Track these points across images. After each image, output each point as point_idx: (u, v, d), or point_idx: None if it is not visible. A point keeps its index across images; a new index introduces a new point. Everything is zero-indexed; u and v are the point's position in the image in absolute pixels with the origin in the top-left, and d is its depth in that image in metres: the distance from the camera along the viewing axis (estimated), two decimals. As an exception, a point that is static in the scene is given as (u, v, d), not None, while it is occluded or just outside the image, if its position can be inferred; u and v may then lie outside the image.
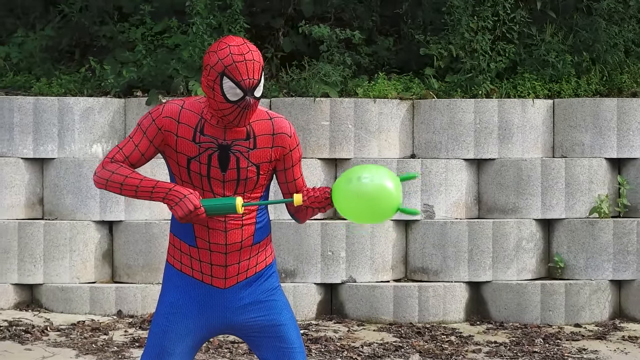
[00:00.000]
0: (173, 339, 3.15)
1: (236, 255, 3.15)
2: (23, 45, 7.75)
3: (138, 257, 6.88)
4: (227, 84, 3.04)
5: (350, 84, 7.31)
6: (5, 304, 6.78)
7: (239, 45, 3.06)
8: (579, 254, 6.96)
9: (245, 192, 3.14)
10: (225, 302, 3.17)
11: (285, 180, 3.22)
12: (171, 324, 3.15)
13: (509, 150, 7.13)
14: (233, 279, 3.17)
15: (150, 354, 3.15)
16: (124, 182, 3.08)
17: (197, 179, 3.12)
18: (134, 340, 6.16)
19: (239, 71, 3.03)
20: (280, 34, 7.82)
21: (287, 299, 3.32)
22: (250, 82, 3.04)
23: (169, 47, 7.47)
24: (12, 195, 6.94)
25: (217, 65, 3.05)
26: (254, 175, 3.13)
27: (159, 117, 3.12)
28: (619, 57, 7.45)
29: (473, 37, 7.33)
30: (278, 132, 3.16)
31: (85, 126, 7.05)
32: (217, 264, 3.15)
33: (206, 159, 3.10)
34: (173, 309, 3.16)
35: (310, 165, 7.01)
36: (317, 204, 3.14)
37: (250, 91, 3.05)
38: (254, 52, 3.06)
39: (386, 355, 6.05)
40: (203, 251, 3.14)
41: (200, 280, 3.17)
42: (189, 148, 3.11)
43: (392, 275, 6.97)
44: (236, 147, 3.12)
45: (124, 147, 3.12)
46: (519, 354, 6.11)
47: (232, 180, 3.12)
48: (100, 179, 3.10)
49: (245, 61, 3.03)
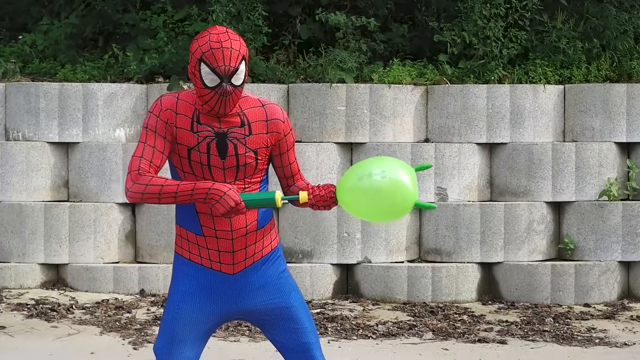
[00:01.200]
0: (185, 326, 3.13)
1: (242, 241, 3.14)
2: (48, 33, 7.76)
3: (160, 238, 6.89)
4: (204, 70, 3.05)
5: (366, 70, 7.28)
6: (32, 283, 6.82)
7: (219, 33, 3.06)
8: (589, 235, 6.92)
9: (245, 177, 3.13)
10: (235, 288, 3.16)
11: (281, 165, 3.21)
12: (183, 312, 3.14)
13: (520, 135, 7.09)
14: (241, 264, 3.16)
15: (163, 341, 3.14)
16: (161, 192, 3.03)
17: (198, 168, 3.10)
18: (156, 318, 6.18)
19: (215, 57, 3.03)
20: (297, 21, 7.79)
21: (303, 280, 3.30)
22: (226, 68, 3.03)
23: (190, 35, 7.45)
24: (38, 178, 6.95)
25: (197, 51, 3.06)
26: (253, 160, 3.12)
27: (161, 111, 3.10)
28: (628, 44, 7.40)
29: (486, 24, 7.29)
30: (271, 118, 3.15)
31: (108, 111, 7.05)
32: (224, 250, 3.14)
33: (205, 147, 3.09)
34: (184, 297, 3.15)
35: (326, 149, 6.99)
36: (322, 203, 3.11)
37: (226, 78, 3.04)
38: (233, 41, 3.05)
39: (400, 333, 6.04)
40: (210, 239, 3.13)
41: (209, 268, 3.16)
42: (188, 138, 3.09)
43: (406, 256, 6.96)
44: (232, 134, 3.10)
45: (144, 153, 3.07)
46: (529, 333, 6.10)
47: (232, 167, 3.11)
48: (135, 193, 3.04)
49: (222, 48, 3.03)
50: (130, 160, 3.08)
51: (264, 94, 6.98)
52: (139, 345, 5.70)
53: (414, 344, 5.86)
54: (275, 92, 7.09)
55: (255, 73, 7.23)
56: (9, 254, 6.86)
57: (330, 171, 6.97)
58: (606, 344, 5.92)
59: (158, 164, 3.08)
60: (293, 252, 6.83)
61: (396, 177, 3.00)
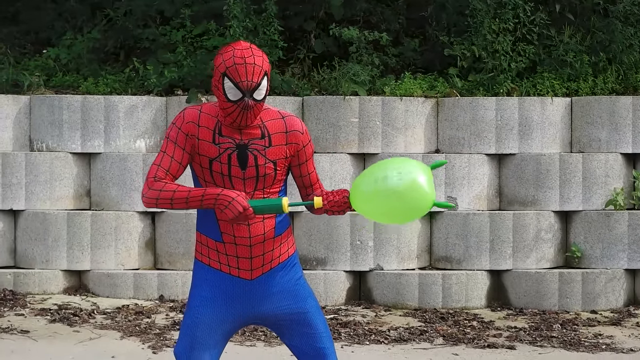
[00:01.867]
0: (204, 330, 3.13)
1: (260, 247, 3.13)
2: (72, 47, 7.78)
3: (178, 245, 6.88)
4: (227, 84, 3.05)
5: (378, 83, 7.27)
6: (55, 289, 6.81)
7: (243, 49, 3.06)
8: (595, 244, 6.88)
9: (264, 187, 3.12)
10: (253, 293, 3.16)
11: (300, 174, 3.20)
12: (202, 316, 3.13)
13: (528, 146, 7.06)
14: (258, 270, 3.15)
15: (183, 345, 3.14)
16: (173, 197, 3.05)
17: (219, 178, 3.10)
18: (174, 323, 6.16)
19: (239, 73, 3.03)
20: (312, 36, 7.79)
21: (318, 287, 3.29)
22: (249, 84, 3.03)
23: (208, 49, 7.46)
24: (61, 188, 6.96)
25: (221, 66, 3.06)
26: (272, 171, 3.11)
27: (183, 123, 3.11)
28: (634, 57, 7.38)
29: (495, 38, 7.27)
30: (291, 129, 3.14)
31: (129, 123, 7.05)
32: (242, 257, 3.13)
33: (226, 158, 3.09)
34: (204, 302, 3.15)
35: (340, 159, 6.97)
36: (336, 208, 3.10)
37: (248, 93, 3.04)
38: (256, 57, 3.05)
39: (412, 339, 6.01)
40: (229, 245, 3.13)
41: (227, 273, 3.15)
42: (210, 150, 3.10)
43: (417, 264, 6.93)
44: (253, 145, 3.10)
45: (162, 162, 3.09)
46: (537, 339, 6.05)
47: (252, 177, 3.10)
48: (150, 199, 3.07)
49: (245, 64, 3.03)
50: (150, 167, 3.10)
51: (280, 106, 6.97)
52: (158, 350, 5.68)
53: (425, 349, 5.83)
54: (291, 104, 7.08)
55: (271, 86, 7.22)
56: (33, 261, 6.86)
57: (344, 181, 6.95)
58: (613, 349, 5.87)
59: (174, 173, 3.09)
60: (307, 260, 6.80)
61: (413, 178, 2.91)
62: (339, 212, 3.10)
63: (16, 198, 6.91)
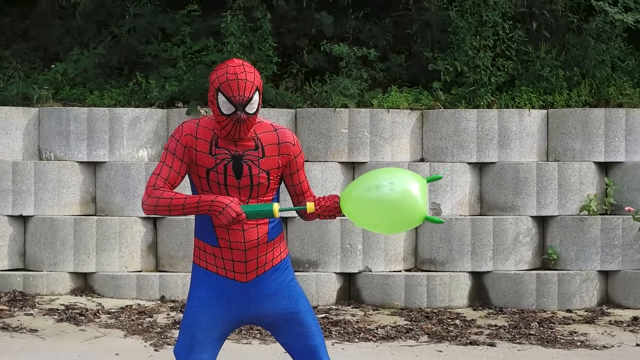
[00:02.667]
0: (202, 330, 3.14)
1: (254, 252, 3.15)
2: (78, 62, 7.79)
3: (179, 249, 6.90)
4: (221, 99, 3.07)
5: (367, 96, 7.30)
6: (62, 290, 6.82)
7: (236, 66, 3.08)
8: (570, 247, 6.91)
9: (258, 196, 3.14)
10: (248, 294, 3.17)
11: (292, 184, 3.22)
12: (200, 317, 3.15)
13: (507, 155, 7.10)
14: (253, 273, 3.17)
15: (182, 344, 3.15)
16: (170, 204, 3.07)
17: (216, 187, 3.12)
18: (175, 323, 6.17)
19: (231, 88, 3.05)
20: (304, 51, 7.82)
21: (309, 287, 3.31)
22: (241, 98, 3.05)
23: (207, 64, 7.48)
24: (68, 194, 6.97)
25: (215, 82, 3.08)
26: (265, 180, 3.14)
27: (181, 136, 3.13)
28: (606, 72, 7.41)
29: (476, 54, 7.31)
30: (283, 141, 3.17)
31: (132, 133, 7.07)
32: (238, 260, 3.15)
33: (222, 169, 3.11)
34: (201, 303, 3.16)
35: (330, 168, 7.00)
36: (327, 212, 3.12)
37: (241, 107, 3.06)
38: (248, 73, 3.07)
39: (398, 336, 6.03)
40: (225, 250, 3.14)
41: (224, 276, 3.17)
42: (207, 160, 3.11)
43: (403, 266, 6.95)
44: (247, 156, 3.12)
45: (161, 172, 3.11)
46: (516, 336, 6.08)
47: (246, 187, 3.12)
48: (149, 206, 3.09)
49: (237, 80, 3.05)
50: (150, 177, 3.12)
51: (274, 117, 7.00)
52: (159, 347, 5.69)
53: (411, 346, 5.85)
54: (284, 116, 7.11)
55: (266, 99, 7.25)
56: (41, 264, 6.87)
57: (334, 188, 6.98)
58: (587, 346, 5.90)
59: (173, 182, 3.11)
60: (300, 262, 6.83)
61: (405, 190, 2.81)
62: (330, 216, 3.12)
63: (26, 204, 6.92)
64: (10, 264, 6.90)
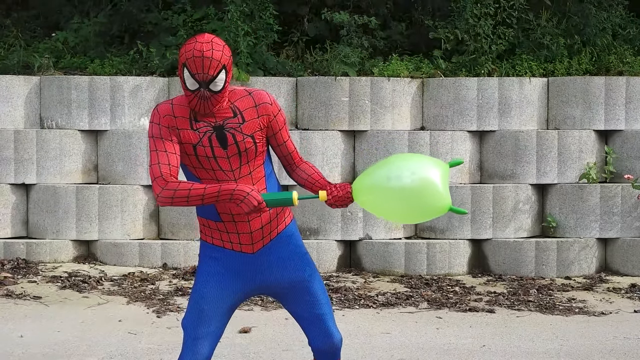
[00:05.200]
0: (211, 303, 3.11)
1: (258, 221, 3.12)
2: (79, 31, 7.72)
3: (181, 217, 6.87)
4: (186, 74, 3.03)
5: (367, 64, 7.24)
6: (65, 258, 6.81)
7: (204, 42, 3.01)
8: (570, 215, 6.89)
9: (249, 161, 3.10)
10: (255, 265, 3.15)
11: (277, 144, 3.17)
12: (208, 290, 3.12)
13: (507, 123, 7.05)
14: (259, 243, 3.14)
15: (191, 317, 3.13)
16: (189, 195, 2.98)
17: (206, 161, 3.07)
18: (177, 290, 6.17)
19: (195, 65, 3.00)
20: (305, 20, 7.74)
21: (310, 256, 3.28)
22: (204, 76, 3.00)
23: (208, 32, 7.41)
24: (70, 163, 6.94)
25: (182, 56, 3.04)
26: (252, 145, 3.09)
27: (160, 118, 3.06)
28: (607, 40, 7.35)
29: (476, 22, 7.23)
30: (259, 102, 3.12)
31: (133, 102, 7.02)
32: (243, 232, 3.12)
33: (207, 141, 3.06)
34: (209, 277, 3.13)
35: (331, 136, 6.95)
36: (340, 202, 3.07)
37: (204, 84, 3.01)
38: (215, 51, 3.00)
39: (398, 303, 6.03)
40: (229, 223, 3.11)
41: (230, 249, 3.14)
42: (190, 136, 3.06)
43: (403, 233, 6.94)
44: (228, 125, 3.08)
45: (160, 160, 3.02)
46: (515, 303, 6.08)
47: (235, 154, 3.08)
48: (165, 198, 3.00)
49: (203, 57, 2.99)
50: (150, 169, 3.03)
51: (275, 86, 6.95)
52: (161, 314, 5.69)
53: (411, 312, 5.85)
54: (285, 84, 7.05)
55: (267, 67, 7.19)
56: (44, 232, 6.85)
57: (335, 156, 6.95)
58: (585, 313, 5.90)
59: (175, 164, 3.03)
60: (301, 230, 6.81)
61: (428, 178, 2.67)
62: (342, 206, 3.08)
63: (28, 173, 6.89)
64: (14, 232, 6.88)
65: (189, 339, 3.10)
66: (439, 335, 5.29)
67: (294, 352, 4.84)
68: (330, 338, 3.18)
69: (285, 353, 4.86)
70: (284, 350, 4.90)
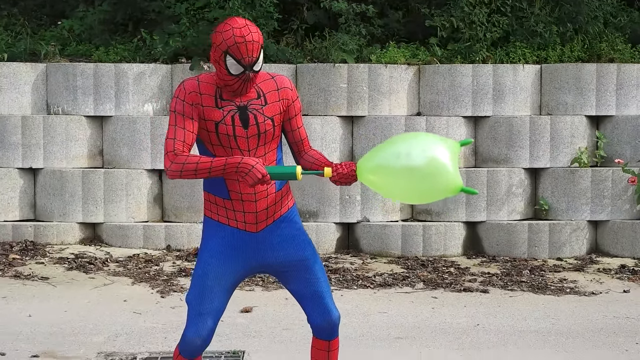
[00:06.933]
0: (214, 279, 3.13)
1: (264, 202, 3.15)
2: (84, 19, 7.72)
3: (184, 200, 6.90)
4: (230, 61, 3.04)
5: (365, 51, 7.24)
6: (72, 240, 6.84)
7: (241, 27, 3.04)
8: (561, 198, 6.92)
9: (265, 143, 3.13)
10: (258, 244, 3.17)
11: (291, 129, 3.20)
12: (212, 267, 3.14)
13: (501, 109, 7.06)
14: (263, 223, 3.17)
15: (194, 293, 3.15)
16: (197, 169, 3.02)
17: (225, 139, 3.10)
18: (180, 271, 6.21)
19: (240, 51, 3.02)
20: (304, 8, 7.74)
21: (310, 237, 3.31)
22: (250, 59, 3.04)
23: (209, 20, 7.41)
24: (76, 148, 6.95)
25: (222, 44, 3.04)
26: (271, 127, 3.13)
27: (186, 95, 3.08)
28: (598, 28, 7.34)
29: (471, 10, 7.23)
30: (281, 87, 3.16)
31: (138, 88, 7.03)
32: (249, 211, 3.14)
33: (230, 120, 3.09)
34: (213, 254, 3.15)
35: (330, 122, 6.97)
36: (344, 179, 3.10)
37: (249, 67, 3.05)
38: (254, 34, 3.04)
39: (395, 284, 6.06)
40: (236, 202, 3.13)
41: (235, 227, 3.16)
42: (214, 114, 3.09)
43: (400, 216, 6.96)
44: (252, 106, 3.11)
45: (176, 135, 3.05)
46: (508, 284, 6.11)
47: (254, 135, 3.11)
48: (174, 172, 3.03)
49: (245, 42, 3.02)
50: (165, 143, 3.06)
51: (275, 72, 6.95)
52: (165, 294, 5.72)
53: (407, 292, 5.88)
54: (285, 71, 7.06)
55: (267, 54, 7.20)
56: (51, 214, 6.88)
57: (334, 141, 6.96)
58: (576, 293, 5.93)
59: (190, 142, 3.07)
60: (301, 213, 6.83)
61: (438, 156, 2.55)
62: (346, 183, 3.10)
63: (35, 157, 6.91)
64: (22, 215, 6.91)
65: (194, 314, 3.12)
66: (435, 315, 5.32)
67: (294, 331, 4.88)
68: (328, 315, 3.20)
69: (285, 332, 4.90)
70: (284, 329, 4.94)
